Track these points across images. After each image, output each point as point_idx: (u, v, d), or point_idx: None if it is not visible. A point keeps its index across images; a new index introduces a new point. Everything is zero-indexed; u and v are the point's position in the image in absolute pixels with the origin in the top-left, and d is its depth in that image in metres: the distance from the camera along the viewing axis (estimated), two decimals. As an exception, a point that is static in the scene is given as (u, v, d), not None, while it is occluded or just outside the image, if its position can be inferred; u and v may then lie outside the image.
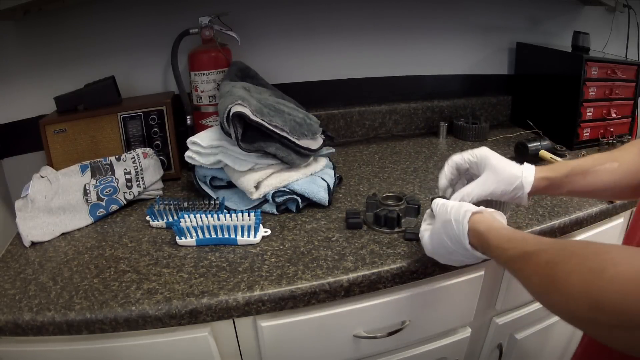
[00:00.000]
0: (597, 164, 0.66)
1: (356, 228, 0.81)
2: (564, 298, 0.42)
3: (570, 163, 0.68)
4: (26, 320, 0.62)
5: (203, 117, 1.08)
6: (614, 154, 0.67)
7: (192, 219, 0.76)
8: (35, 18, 1.02)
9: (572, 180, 0.67)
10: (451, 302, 0.80)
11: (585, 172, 0.66)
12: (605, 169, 0.66)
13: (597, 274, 0.39)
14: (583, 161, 0.67)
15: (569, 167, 0.67)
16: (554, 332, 1.00)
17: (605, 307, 0.38)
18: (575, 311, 0.41)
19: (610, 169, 0.65)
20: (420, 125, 1.37)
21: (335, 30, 1.24)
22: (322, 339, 0.73)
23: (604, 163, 0.66)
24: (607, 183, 0.66)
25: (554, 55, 1.27)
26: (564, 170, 0.67)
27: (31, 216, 0.83)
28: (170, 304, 0.63)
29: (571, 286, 0.41)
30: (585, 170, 0.66)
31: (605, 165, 0.66)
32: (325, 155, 0.99)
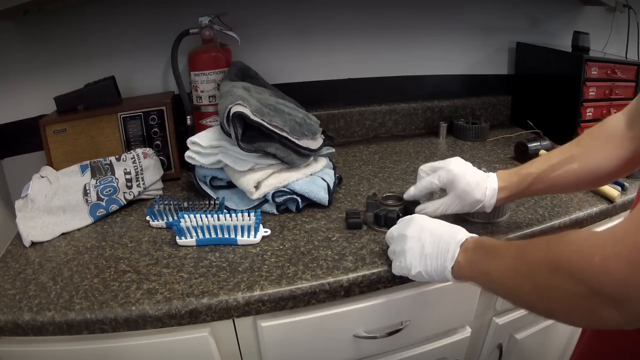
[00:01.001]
0: (557, 169, 0.68)
1: (356, 228, 0.81)
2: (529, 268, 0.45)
3: (531, 174, 0.70)
4: (26, 320, 0.62)
5: (203, 117, 1.08)
6: (572, 152, 0.68)
7: (192, 219, 0.76)
8: (35, 18, 1.02)
9: (534, 190, 0.71)
10: (451, 302, 0.80)
11: (545, 179, 0.69)
12: (566, 172, 0.68)
13: (559, 239, 0.43)
14: (543, 168, 0.69)
15: (529, 180, 0.70)
16: (554, 332, 1.00)
17: (562, 266, 0.41)
18: (538, 279, 0.44)
19: (570, 171, 0.67)
20: (420, 125, 1.37)
21: (335, 30, 1.24)
22: (322, 339, 0.73)
23: (563, 166, 0.68)
24: (568, 185, 0.69)
25: (554, 55, 1.27)
26: (524, 184, 0.70)
27: (31, 216, 0.83)
28: (170, 304, 0.63)
29: (536, 254, 0.45)
30: (545, 178, 0.69)
31: (565, 168, 0.68)
32: (325, 155, 0.99)
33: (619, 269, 0.36)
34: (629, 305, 0.36)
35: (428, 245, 0.60)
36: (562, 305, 0.42)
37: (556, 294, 0.42)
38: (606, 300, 0.37)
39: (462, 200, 0.72)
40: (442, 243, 0.59)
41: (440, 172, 0.74)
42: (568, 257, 0.40)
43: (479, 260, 0.55)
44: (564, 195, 0.92)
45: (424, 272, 0.60)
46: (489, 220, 0.82)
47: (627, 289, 0.36)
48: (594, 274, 0.38)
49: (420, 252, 0.61)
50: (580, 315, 0.41)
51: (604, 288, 0.37)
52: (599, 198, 0.91)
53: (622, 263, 0.36)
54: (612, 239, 0.37)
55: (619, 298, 0.37)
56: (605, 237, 0.38)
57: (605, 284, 0.37)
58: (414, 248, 0.62)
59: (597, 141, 0.67)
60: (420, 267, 0.61)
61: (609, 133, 0.66)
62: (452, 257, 0.57)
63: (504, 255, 0.51)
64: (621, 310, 0.37)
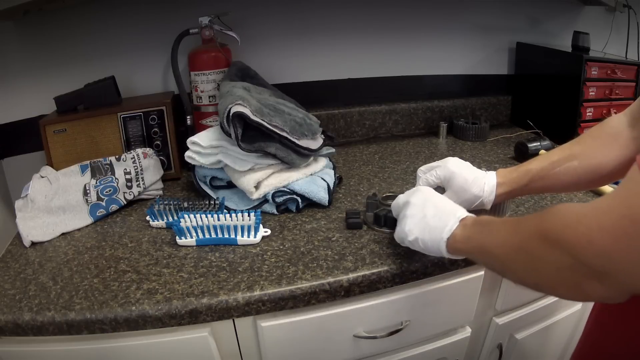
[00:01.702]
0: (557, 166, 0.68)
1: (356, 228, 0.81)
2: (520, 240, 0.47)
3: (531, 170, 0.70)
4: (26, 320, 0.62)
5: (203, 117, 1.08)
6: (572, 150, 0.68)
7: (192, 219, 0.76)
8: (35, 18, 1.02)
9: (533, 187, 0.70)
10: (451, 302, 0.80)
11: (545, 176, 0.69)
12: (565, 169, 0.67)
13: (550, 210, 0.44)
14: (543, 165, 0.69)
15: (529, 176, 0.70)
16: (554, 332, 1.00)
17: (550, 236, 0.42)
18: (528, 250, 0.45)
19: (570, 169, 0.67)
20: (420, 125, 1.37)
21: (335, 30, 1.24)
22: (322, 339, 0.73)
23: (563, 164, 0.67)
24: (568, 183, 0.69)
25: (554, 55, 1.27)
26: (524, 180, 0.70)
27: (31, 216, 0.83)
28: (170, 304, 0.63)
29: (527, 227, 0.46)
30: (545, 174, 0.69)
31: (565, 165, 0.67)
32: (325, 155, 0.99)
33: (602, 240, 0.37)
34: (612, 278, 0.37)
35: (429, 215, 0.61)
36: (548, 277, 0.43)
37: (544, 265, 0.43)
38: (590, 271, 0.38)
39: (460, 197, 0.72)
40: (442, 215, 0.60)
41: (437, 170, 0.75)
42: (554, 228, 0.41)
43: (475, 235, 0.56)
44: (564, 195, 0.92)
45: (421, 240, 0.62)
46: (489, 220, 0.82)
47: (610, 260, 0.36)
48: (578, 244, 0.38)
49: (421, 219, 0.62)
50: (565, 288, 0.42)
51: (588, 259, 0.38)
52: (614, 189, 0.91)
53: (604, 234, 0.36)
54: (596, 211, 0.38)
55: (602, 270, 0.37)
56: (589, 209, 0.39)
57: (589, 254, 0.38)
58: (415, 215, 0.63)
59: (598, 140, 0.67)
60: (418, 233, 0.62)
61: (610, 133, 0.66)
62: (449, 229, 0.58)
63: (500, 230, 0.52)
64: (604, 283, 0.38)
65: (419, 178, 0.77)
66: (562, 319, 0.97)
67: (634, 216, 0.35)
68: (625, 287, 0.38)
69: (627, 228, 0.35)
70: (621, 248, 0.36)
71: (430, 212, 0.62)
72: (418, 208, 0.63)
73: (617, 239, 0.36)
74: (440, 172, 0.74)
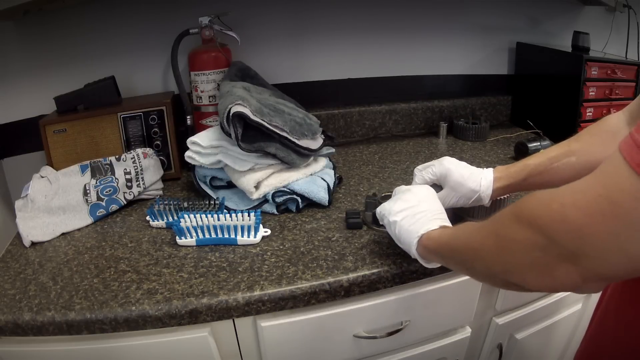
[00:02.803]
0: (555, 161, 0.68)
1: (356, 228, 0.81)
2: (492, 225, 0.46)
3: (528, 165, 0.70)
4: (26, 320, 0.62)
5: (203, 117, 1.08)
6: (571, 147, 0.68)
7: (192, 219, 0.76)
8: (35, 18, 1.02)
9: (530, 182, 0.70)
10: (451, 302, 0.80)
11: (543, 171, 0.69)
12: (563, 165, 0.68)
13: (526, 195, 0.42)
14: (541, 160, 0.69)
15: (526, 171, 0.70)
16: (555, 332, 1.00)
17: (523, 215, 0.41)
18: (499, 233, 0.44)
19: (568, 164, 0.67)
20: (420, 125, 1.37)
21: (335, 30, 1.24)
22: (322, 339, 0.73)
23: (561, 159, 0.68)
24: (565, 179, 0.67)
25: (554, 55, 1.27)
26: (522, 174, 0.70)
27: (31, 216, 0.83)
28: (170, 304, 0.63)
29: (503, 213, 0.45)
30: (542, 169, 0.69)
31: (563, 161, 0.68)
32: (325, 155, 0.98)
33: (576, 218, 0.36)
34: (586, 261, 0.36)
35: (420, 208, 0.63)
36: (519, 260, 0.42)
37: (514, 246, 0.42)
38: (562, 252, 0.37)
39: (457, 192, 0.72)
40: (430, 215, 0.62)
41: (433, 167, 0.75)
42: (527, 206, 0.41)
43: (447, 232, 0.57)
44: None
45: (398, 225, 0.63)
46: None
47: (583, 239, 0.36)
48: (551, 222, 0.38)
49: (410, 207, 0.63)
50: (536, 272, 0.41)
51: (560, 236, 0.37)
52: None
53: (579, 212, 0.36)
54: (572, 189, 0.38)
55: (575, 250, 0.36)
56: (565, 188, 0.39)
57: (562, 231, 0.37)
58: (409, 201, 0.65)
59: (596, 137, 0.67)
60: (399, 217, 0.63)
61: (609, 130, 0.66)
62: (427, 228, 0.60)
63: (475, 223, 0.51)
64: (578, 266, 0.37)
65: (415, 176, 0.78)
66: (563, 319, 0.97)
67: (610, 196, 0.34)
68: (597, 270, 0.37)
69: (603, 207, 0.34)
70: (595, 227, 0.35)
71: (423, 207, 0.63)
72: (415, 198, 0.65)
73: (592, 217, 0.35)
74: (436, 169, 0.75)
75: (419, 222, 0.61)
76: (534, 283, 0.42)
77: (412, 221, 0.62)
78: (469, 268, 0.53)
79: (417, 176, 0.77)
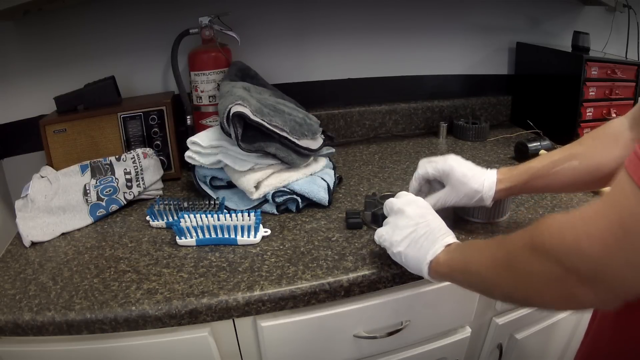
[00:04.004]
0: (557, 165, 0.68)
1: (356, 228, 0.81)
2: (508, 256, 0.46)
3: (531, 168, 0.70)
4: (26, 320, 0.62)
5: (203, 117, 1.08)
6: (573, 151, 0.68)
7: (192, 219, 0.76)
8: (35, 18, 1.02)
9: (532, 185, 0.70)
10: (451, 302, 0.80)
11: (545, 174, 0.69)
12: (565, 169, 0.68)
13: (537, 224, 0.43)
14: (544, 164, 0.69)
15: (529, 173, 0.70)
16: (554, 332, 1.00)
17: (538, 248, 0.42)
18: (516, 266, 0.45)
19: (570, 168, 0.67)
20: (420, 125, 1.37)
21: (335, 30, 1.24)
22: (322, 339, 0.73)
23: (564, 163, 0.68)
24: (568, 182, 0.69)
25: (554, 55, 1.27)
26: (525, 177, 0.70)
27: (31, 216, 0.83)
28: (170, 304, 0.63)
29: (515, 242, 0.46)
30: (545, 173, 0.69)
31: (565, 165, 0.68)
32: (325, 155, 0.99)
33: (591, 248, 0.36)
34: (604, 284, 0.37)
35: (420, 232, 0.61)
36: (538, 289, 0.43)
37: (533, 278, 0.43)
38: (580, 279, 0.38)
39: (459, 192, 0.72)
40: (431, 236, 0.60)
41: (436, 163, 0.75)
42: (542, 239, 0.41)
43: (458, 256, 0.56)
44: (564, 195, 0.92)
45: (404, 254, 0.62)
46: (489, 220, 0.82)
47: (601, 267, 0.36)
48: (568, 253, 0.38)
49: (409, 234, 0.62)
50: (556, 298, 0.42)
51: (578, 267, 0.38)
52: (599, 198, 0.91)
53: (594, 242, 0.36)
54: (584, 218, 0.38)
55: (593, 276, 0.37)
56: (576, 217, 0.39)
57: (579, 262, 0.37)
58: (406, 228, 0.62)
59: (598, 141, 0.67)
60: (402, 247, 0.62)
61: (611, 134, 0.66)
62: (434, 252, 0.58)
63: (484, 248, 0.52)
64: (596, 289, 0.37)
65: (419, 167, 0.77)
66: (562, 318, 0.97)
67: (623, 221, 0.35)
68: (617, 291, 0.37)
69: (617, 234, 0.35)
70: (611, 254, 0.35)
71: (422, 230, 0.61)
72: (411, 222, 0.63)
73: (607, 246, 0.35)
74: (440, 165, 0.74)
75: (423, 247, 0.60)
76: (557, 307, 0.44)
77: (417, 247, 0.61)
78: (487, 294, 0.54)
79: (420, 167, 0.77)
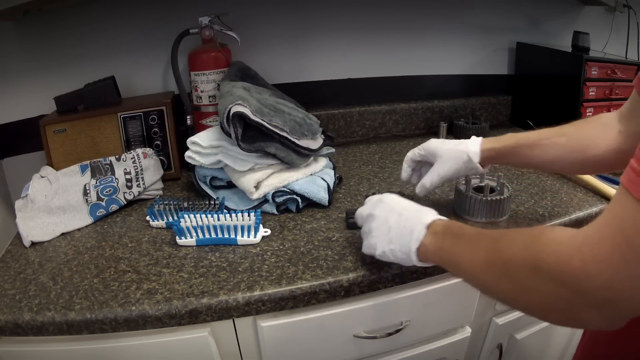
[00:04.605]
0: (544, 138, 0.69)
1: (356, 228, 0.81)
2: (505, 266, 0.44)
3: (517, 135, 0.72)
4: (26, 320, 0.62)
5: (203, 117, 1.08)
6: (563, 129, 0.69)
7: (192, 219, 0.76)
8: (35, 18, 1.02)
9: (519, 152, 0.71)
10: (451, 302, 0.80)
11: (532, 144, 0.70)
12: (553, 143, 0.68)
13: (536, 238, 0.41)
14: (531, 134, 0.71)
15: (515, 139, 0.71)
16: (554, 332, 1.00)
17: (542, 269, 0.40)
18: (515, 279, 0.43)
19: (557, 143, 0.68)
20: (420, 125, 1.37)
21: (335, 30, 1.24)
22: (322, 339, 0.73)
23: (552, 137, 0.69)
24: (553, 156, 0.69)
25: (554, 55, 1.27)
26: (510, 142, 0.72)
27: (31, 216, 0.83)
28: (170, 304, 0.63)
29: (513, 253, 0.43)
30: (532, 143, 0.70)
31: (553, 139, 0.68)
32: (325, 155, 0.99)
33: (600, 272, 0.35)
34: (612, 307, 0.36)
35: (394, 226, 0.59)
36: (541, 305, 0.42)
37: (536, 294, 0.41)
38: (588, 302, 0.37)
39: (449, 159, 0.74)
40: (407, 224, 0.58)
41: (422, 145, 0.80)
42: (546, 260, 0.39)
43: (448, 248, 0.53)
44: (564, 195, 0.92)
45: (389, 252, 0.60)
46: (489, 220, 0.82)
47: (610, 291, 0.35)
48: (575, 278, 0.37)
49: (386, 232, 0.60)
50: (559, 316, 0.41)
51: (586, 291, 0.36)
52: (599, 198, 0.91)
53: (602, 265, 0.35)
54: (589, 242, 0.37)
55: (602, 300, 0.36)
56: (581, 241, 0.37)
57: (587, 287, 0.36)
58: (379, 228, 0.61)
59: (588, 125, 0.69)
60: (385, 247, 0.60)
61: (601, 122, 0.68)
62: (416, 238, 0.56)
63: (476, 247, 0.49)
64: (604, 312, 0.37)
65: (406, 157, 0.82)
66: (562, 319, 0.97)
67: (630, 241, 0.34)
68: (624, 313, 0.37)
69: (624, 253, 0.34)
70: (622, 277, 0.34)
71: (393, 222, 0.59)
72: (381, 220, 0.61)
73: (616, 267, 0.34)
74: (424, 146, 0.79)
75: (403, 238, 0.58)
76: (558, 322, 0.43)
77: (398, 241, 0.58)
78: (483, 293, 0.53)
79: (408, 155, 0.81)
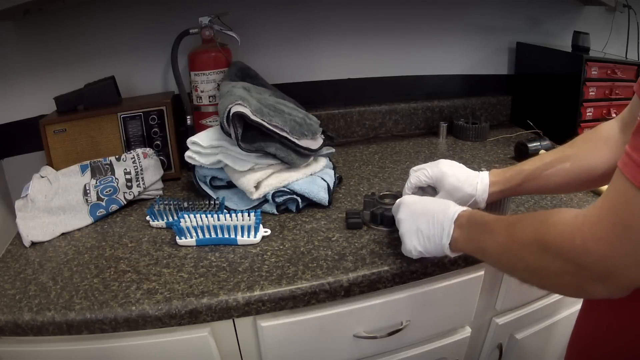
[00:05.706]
0: (549, 167, 0.69)
1: (356, 228, 0.81)
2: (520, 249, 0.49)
3: (524, 170, 0.71)
4: (26, 320, 0.62)
5: (203, 117, 1.08)
6: (565, 153, 0.70)
7: (192, 219, 0.76)
8: (35, 18, 1.02)
9: (527, 187, 0.72)
10: (451, 302, 0.80)
11: (538, 177, 0.70)
12: (557, 170, 0.69)
13: (544, 221, 0.46)
14: (537, 165, 0.71)
15: (522, 175, 0.71)
16: (555, 332, 1.00)
17: (549, 248, 0.44)
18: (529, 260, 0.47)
19: (562, 170, 0.69)
20: (420, 125, 1.37)
21: (335, 30, 1.24)
22: (322, 339, 0.73)
23: (556, 165, 0.69)
24: (560, 183, 0.70)
25: (554, 55, 1.27)
26: (518, 179, 0.71)
27: (31, 216, 0.83)
28: (170, 304, 0.63)
29: (525, 236, 0.48)
30: (538, 175, 0.70)
31: (557, 167, 0.69)
32: (325, 155, 0.99)
33: (598, 249, 0.39)
34: (614, 279, 0.40)
35: (423, 226, 0.63)
36: (553, 282, 0.46)
37: (547, 272, 0.46)
38: (592, 275, 0.41)
39: (453, 196, 0.72)
40: (436, 222, 0.62)
41: (428, 169, 0.76)
42: (553, 240, 0.44)
43: (475, 236, 0.58)
44: (564, 196, 0.92)
45: (425, 252, 0.64)
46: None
47: (609, 265, 0.39)
48: (578, 254, 0.41)
49: (417, 233, 0.64)
50: (570, 289, 0.47)
51: (588, 265, 0.41)
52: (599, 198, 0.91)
53: (600, 243, 0.39)
54: (588, 222, 0.41)
55: (603, 274, 0.40)
56: (582, 221, 0.42)
57: (589, 262, 0.41)
58: (410, 231, 0.65)
59: (589, 143, 0.68)
60: (420, 247, 0.64)
61: (602, 137, 0.67)
62: (447, 234, 0.60)
63: (495, 233, 0.54)
64: (607, 283, 0.41)
65: (410, 176, 0.78)
66: (562, 318, 0.97)
67: (624, 221, 0.38)
68: (625, 283, 0.40)
69: (620, 233, 0.38)
70: (617, 252, 0.38)
71: (422, 223, 0.64)
72: (409, 223, 0.65)
73: (612, 245, 0.38)
74: (431, 171, 0.75)
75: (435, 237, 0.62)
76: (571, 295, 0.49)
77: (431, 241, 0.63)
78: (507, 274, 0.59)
79: (412, 176, 0.77)
